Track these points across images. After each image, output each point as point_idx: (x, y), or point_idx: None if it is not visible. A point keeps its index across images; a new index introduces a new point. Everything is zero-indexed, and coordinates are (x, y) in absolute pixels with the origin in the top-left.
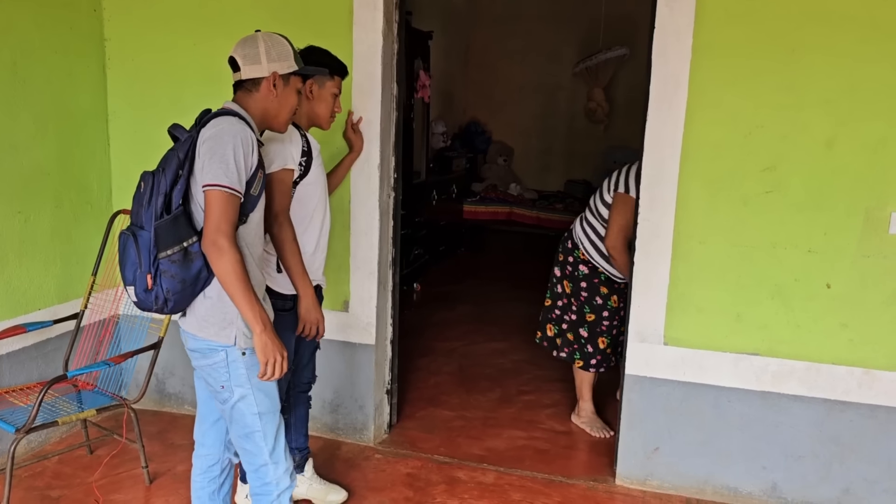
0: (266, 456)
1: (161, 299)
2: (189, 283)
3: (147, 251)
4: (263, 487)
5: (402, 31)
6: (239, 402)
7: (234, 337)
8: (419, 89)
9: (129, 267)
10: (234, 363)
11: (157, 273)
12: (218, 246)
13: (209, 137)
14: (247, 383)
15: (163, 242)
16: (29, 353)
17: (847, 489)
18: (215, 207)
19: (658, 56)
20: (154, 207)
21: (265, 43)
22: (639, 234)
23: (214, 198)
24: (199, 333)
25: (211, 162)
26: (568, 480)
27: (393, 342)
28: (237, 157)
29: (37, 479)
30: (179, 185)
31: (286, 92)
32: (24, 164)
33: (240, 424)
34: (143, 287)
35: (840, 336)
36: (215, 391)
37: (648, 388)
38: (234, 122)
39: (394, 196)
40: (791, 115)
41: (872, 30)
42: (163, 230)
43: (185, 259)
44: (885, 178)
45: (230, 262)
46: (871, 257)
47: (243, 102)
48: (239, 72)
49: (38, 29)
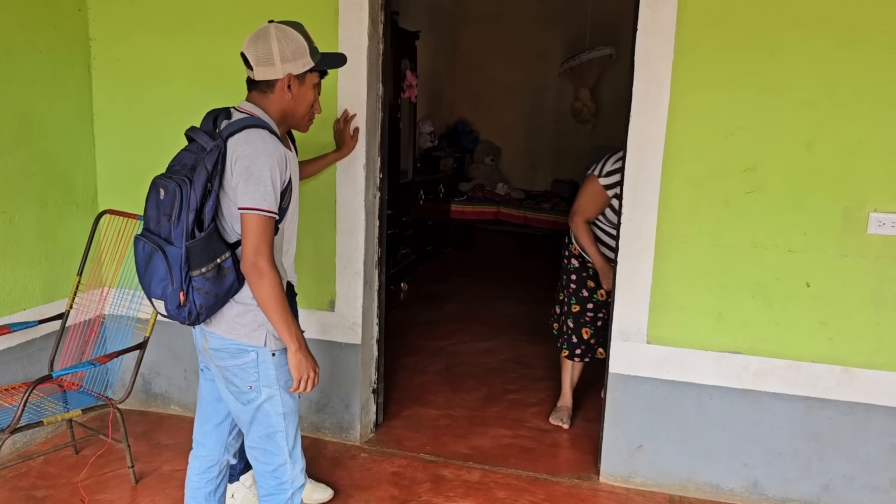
0: (286, 455)
1: (194, 314)
2: (221, 297)
3: (178, 268)
4: (279, 487)
5: (387, 32)
6: (266, 403)
7: (265, 339)
8: (406, 89)
9: (158, 282)
10: (265, 363)
11: (190, 289)
12: (258, 269)
13: (244, 156)
14: (275, 384)
15: (196, 261)
16: (14, 353)
17: (827, 485)
18: (254, 231)
19: (640, 57)
20: (185, 224)
21: (279, 41)
22: (622, 233)
23: (253, 222)
24: (229, 335)
25: (248, 184)
26: (553, 478)
27: (379, 341)
28: (274, 179)
29: (22, 480)
30: (210, 200)
31: (302, 91)
32: (9, 163)
33: (263, 425)
34: (176, 304)
35: (820, 334)
36: (239, 392)
37: (632, 387)
38: (267, 137)
39: (380, 196)
40: (771, 117)
41: (850, 33)
42: (196, 249)
43: (219, 275)
44: (864, 178)
45: (270, 285)
46: (850, 257)
47: (261, 103)
48: (252, 71)
49: (22, 28)
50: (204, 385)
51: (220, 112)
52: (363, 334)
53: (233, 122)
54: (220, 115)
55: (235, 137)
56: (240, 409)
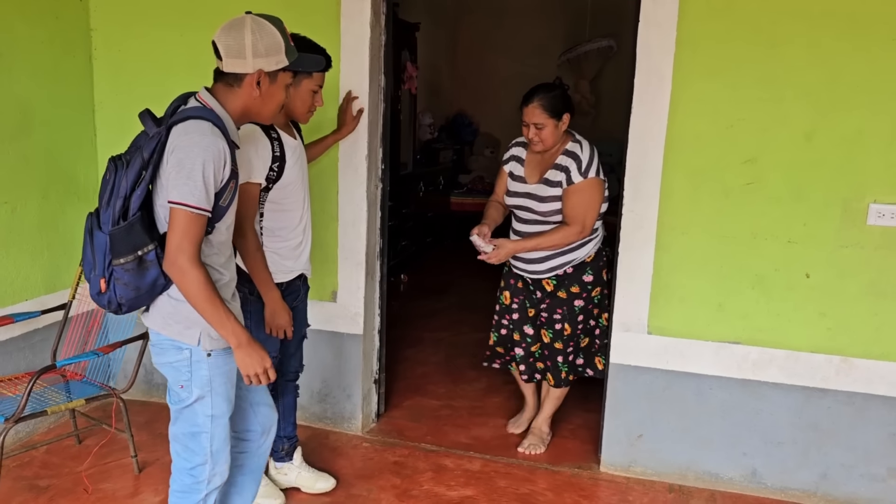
0: (207, 456)
1: (114, 304)
2: (144, 291)
3: (102, 255)
4: (194, 486)
5: (389, 23)
6: (195, 403)
7: (199, 338)
8: (406, 81)
9: (86, 264)
10: (198, 363)
11: (111, 278)
12: (179, 266)
13: (179, 147)
14: (207, 385)
15: (116, 250)
16: (17, 343)
17: (825, 474)
18: (178, 227)
19: (642, 49)
20: (112, 210)
21: (253, 34)
22: (623, 224)
23: (179, 217)
24: (163, 331)
25: (178, 177)
26: (553, 468)
27: (380, 332)
28: (206, 175)
29: (25, 469)
30: (140, 189)
31: (272, 90)
32: (10, 154)
33: (189, 423)
34: (97, 290)
35: (819, 325)
36: (171, 389)
37: (632, 377)
38: (208, 130)
39: (381, 187)
40: (771, 108)
41: (850, 24)
42: (118, 237)
43: (140, 267)
44: (863, 170)
45: (194, 283)
46: (849, 248)
47: (222, 97)
48: (220, 61)
49: (23, 19)
50: None
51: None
52: (365, 325)
53: (182, 110)
54: (179, 101)
55: (176, 127)
56: (170, 403)
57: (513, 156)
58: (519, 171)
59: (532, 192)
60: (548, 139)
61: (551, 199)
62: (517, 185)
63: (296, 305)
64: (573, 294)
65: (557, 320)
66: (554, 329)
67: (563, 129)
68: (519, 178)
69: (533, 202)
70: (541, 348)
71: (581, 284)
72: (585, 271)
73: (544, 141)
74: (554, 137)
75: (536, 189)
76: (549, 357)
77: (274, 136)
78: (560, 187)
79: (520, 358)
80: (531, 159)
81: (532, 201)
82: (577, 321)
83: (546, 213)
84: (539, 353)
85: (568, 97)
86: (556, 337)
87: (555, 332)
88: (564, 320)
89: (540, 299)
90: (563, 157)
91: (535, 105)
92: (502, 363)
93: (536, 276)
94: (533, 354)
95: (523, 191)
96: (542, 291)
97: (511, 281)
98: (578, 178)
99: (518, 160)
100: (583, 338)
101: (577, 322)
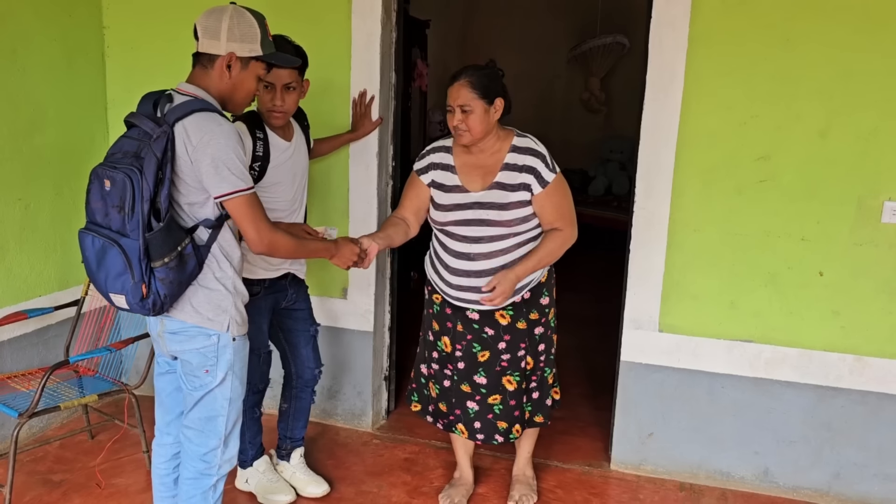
0: (220, 440)
1: (158, 304)
2: (185, 282)
3: (138, 261)
4: (206, 471)
5: (400, 20)
6: (217, 387)
7: (228, 324)
8: (416, 78)
9: (115, 277)
10: (224, 348)
11: (153, 280)
12: (268, 246)
13: (203, 144)
14: (230, 369)
15: (157, 252)
16: (30, 339)
17: (837, 474)
18: (245, 214)
19: (654, 46)
20: (140, 215)
21: (231, 19)
22: (634, 222)
23: (239, 205)
24: (190, 319)
25: (219, 172)
26: (563, 465)
27: (391, 329)
28: (240, 157)
29: (38, 464)
30: (164, 188)
31: (242, 76)
32: (24, 151)
33: (208, 408)
34: (139, 297)
35: (832, 323)
36: (193, 375)
37: (643, 375)
38: (220, 119)
39: (392, 184)
40: (785, 105)
41: (866, 20)
42: (157, 240)
43: (181, 262)
44: (878, 167)
45: (284, 247)
46: (864, 246)
47: (202, 82)
48: (198, 42)
49: (37, 17)
50: (159, 379)
51: (160, 96)
52: (375, 322)
53: (177, 105)
54: (161, 99)
55: (183, 122)
56: (189, 390)
57: (433, 163)
58: (451, 179)
59: (483, 201)
60: (475, 126)
61: (515, 204)
62: (454, 196)
63: (291, 307)
64: (532, 321)
65: (522, 357)
66: (519, 368)
67: (495, 119)
68: (454, 187)
69: (489, 212)
70: (502, 401)
71: (539, 309)
72: (542, 293)
73: (472, 129)
74: (483, 125)
75: (488, 196)
76: (517, 406)
77: (259, 136)
78: (525, 190)
79: (474, 414)
80: (465, 163)
81: (488, 211)
82: (538, 351)
83: (511, 222)
84: (500, 408)
85: (500, 80)
86: (522, 377)
87: (521, 372)
88: (528, 353)
89: (494, 338)
90: (517, 154)
91: (462, 83)
92: (446, 424)
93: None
94: (491, 409)
95: (468, 201)
96: (494, 328)
97: (448, 324)
98: (551, 176)
99: (444, 168)
100: (549, 372)
101: (539, 353)
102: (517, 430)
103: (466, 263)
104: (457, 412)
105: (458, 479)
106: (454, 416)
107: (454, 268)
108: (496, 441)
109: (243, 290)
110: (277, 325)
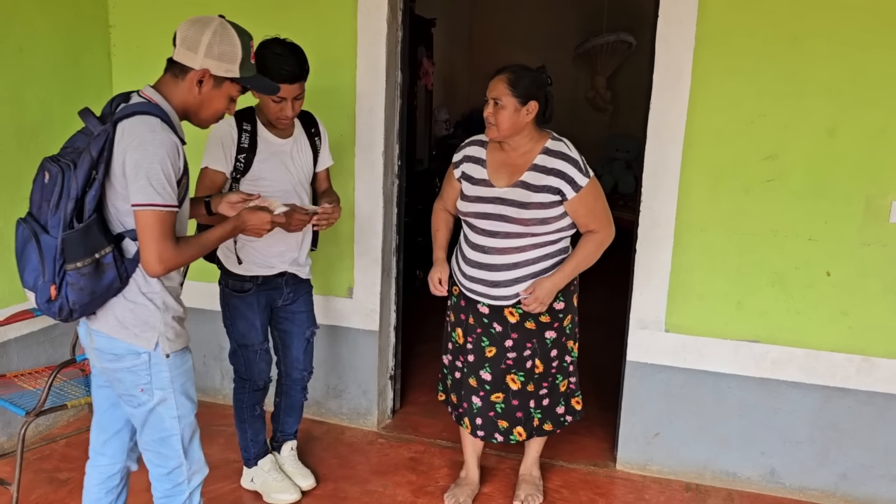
0: (181, 458)
1: (66, 311)
2: (99, 294)
3: (52, 260)
4: (176, 489)
5: (406, 19)
6: (158, 406)
7: (156, 342)
8: (422, 77)
9: (30, 272)
10: (158, 366)
11: (63, 284)
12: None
13: (132, 147)
14: (169, 387)
15: (71, 253)
16: (36, 337)
17: (844, 474)
18: (152, 229)
19: (661, 44)
20: (63, 213)
21: (214, 35)
22: (640, 222)
23: (148, 218)
24: (116, 333)
25: (138, 179)
26: (569, 465)
27: (396, 328)
28: (165, 170)
29: (45, 462)
30: (93, 189)
31: (213, 94)
32: (30, 149)
33: (156, 429)
34: (46, 298)
35: (839, 323)
36: (129, 395)
37: (649, 375)
38: (157, 126)
39: (397, 183)
40: (793, 104)
41: (874, 18)
42: (72, 241)
43: (97, 271)
44: (886, 166)
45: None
46: (871, 245)
47: (167, 90)
48: (175, 48)
49: (43, 15)
50: (97, 392)
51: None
52: (381, 321)
53: (127, 106)
54: (117, 98)
55: (123, 124)
56: (131, 410)
57: (467, 156)
58: (479, 173)
59: (504, 198)
60: (503, 122)
61: (535, 205)
62: (479, 189)
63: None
64: (543, 324)
65: (528, 357)
66: (525, 369)
67: (527, 120)
68: (481, 181)
69: (509, 208)
70: (504, 400)
71: (552, 312)
72: (556, 297)
73: (499, 124)
74: (511, 123)
75: (510, 193)
76: (520, 406)
77: (245, 129)
78: (552, 193)
79: (477, 410)
80: (495, 159)
81: (508, 207)
82: (549, 356)
83: (528, 222)
84: (502, 407)
85: (543, 86)
86: (527, 378)
87: (526, 373)
88: (535, 355)
89: (502, 334)
90: (548, 157)
91: (502, 77)
92: (457, 416)
93: (497, 302)
94: (493, 407)
95: (490, 195)
96: (502, 324)
97: (462, 316)
98: (584, 181)
99: (475, 161)
100: (561, 380)
101: (551, 358)
102: (519, 433)
103: (481, 256)
104: (464, 405)
105: (463, 479)
106: (462, 409)
107: (470, 259)
108: (495, 440)
109: (175, 305)
110: (274, 323)
